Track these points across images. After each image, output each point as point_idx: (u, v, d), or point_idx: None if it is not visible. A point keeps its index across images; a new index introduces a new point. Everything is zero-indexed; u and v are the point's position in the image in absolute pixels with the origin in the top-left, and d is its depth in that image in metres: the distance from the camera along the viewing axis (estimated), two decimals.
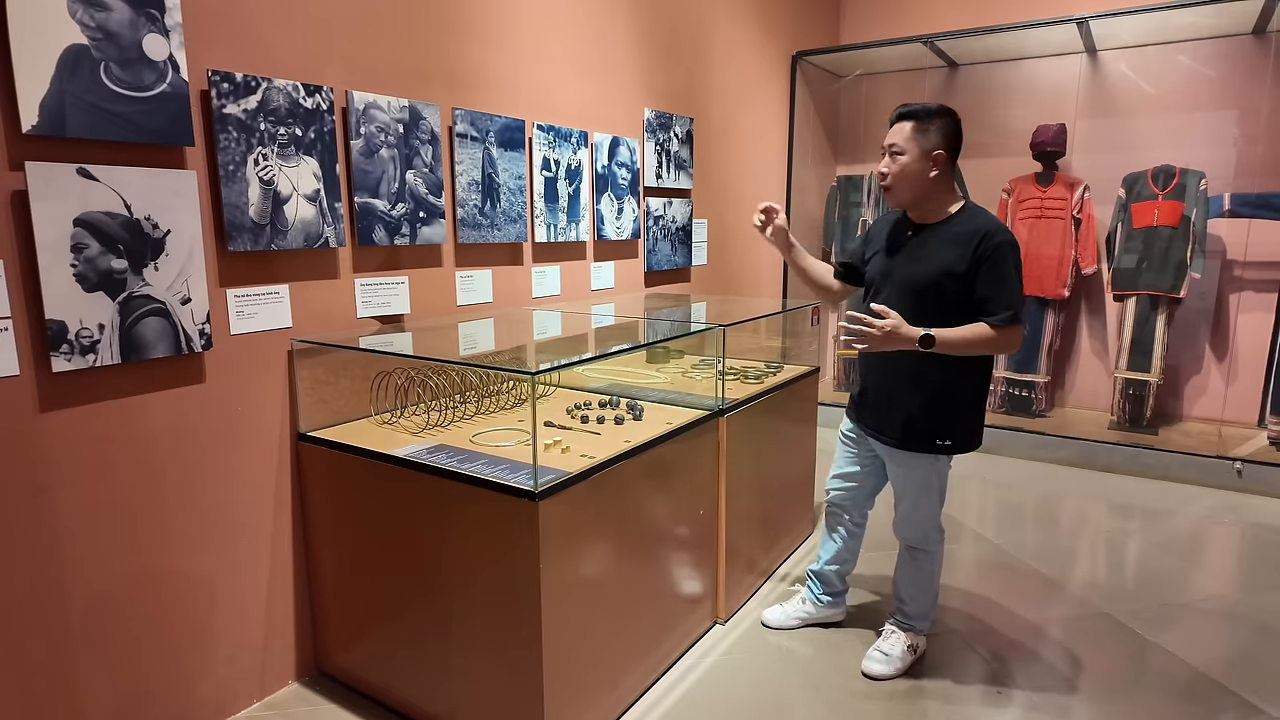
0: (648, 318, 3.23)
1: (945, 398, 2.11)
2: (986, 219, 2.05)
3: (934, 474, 2.24)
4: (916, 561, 2.37)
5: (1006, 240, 2.01)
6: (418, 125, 2.49)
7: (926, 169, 2.05)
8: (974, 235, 2.01)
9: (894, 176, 2.09)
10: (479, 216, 2.75)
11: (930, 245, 2.08)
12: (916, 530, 2.31)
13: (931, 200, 2.10)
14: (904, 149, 2.05)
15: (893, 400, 2.19)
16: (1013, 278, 2.00)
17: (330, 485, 2.22)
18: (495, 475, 1.87)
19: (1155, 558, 3.23)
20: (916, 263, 2.09)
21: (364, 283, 2.40)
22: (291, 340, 2.21)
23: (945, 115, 2.06)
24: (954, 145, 2.07)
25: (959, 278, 2.02)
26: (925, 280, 2.06)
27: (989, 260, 1.99)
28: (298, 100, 2.14)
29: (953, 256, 2.03)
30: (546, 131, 3.03)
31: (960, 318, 2.04)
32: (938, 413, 2.13)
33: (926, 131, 2.03)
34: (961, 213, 2.09)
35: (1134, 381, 4.59)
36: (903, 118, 2.08)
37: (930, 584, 2.40)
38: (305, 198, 2.19)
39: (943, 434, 2.14)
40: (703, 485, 2.50)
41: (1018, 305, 1.99)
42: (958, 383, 2.11)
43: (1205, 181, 4.37)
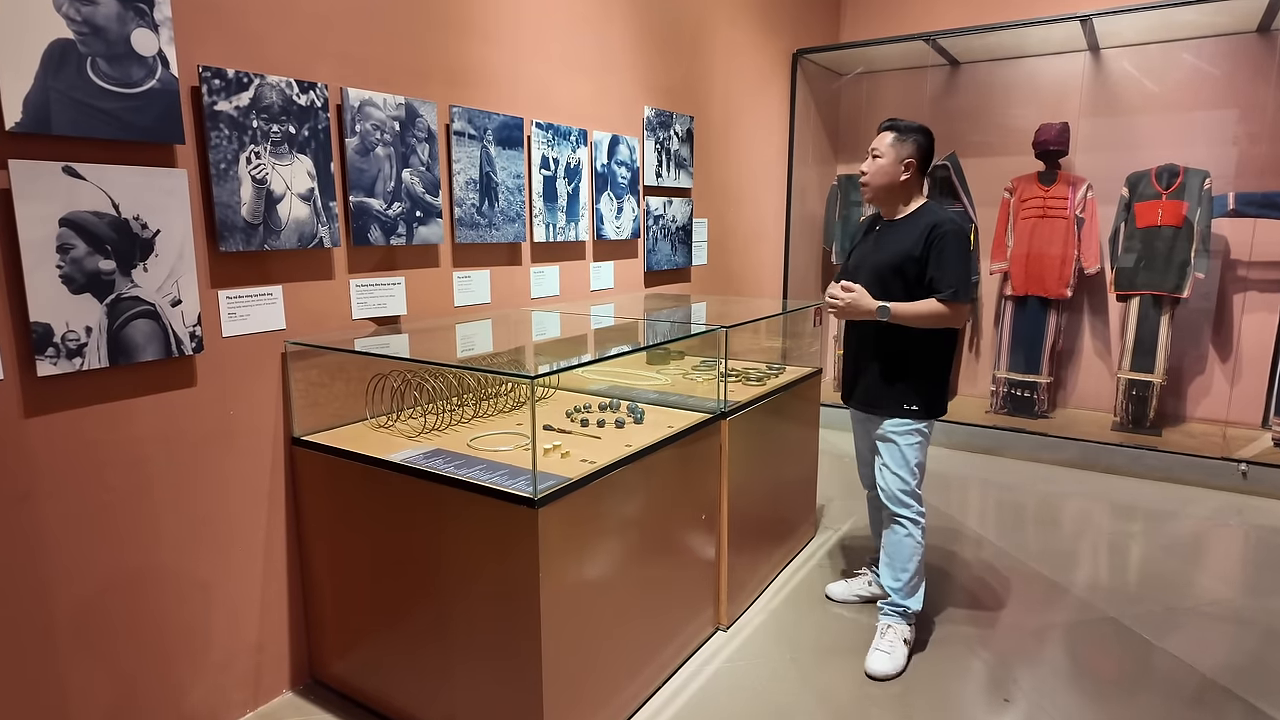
0: (648, 319, 3.19)
1: (912, 367, 2.42)
2: (940, 214, 2.41)
3: (906, 440, 2.46)
4: (899, 529, 2.50)
5: (954, 230, 2.34)
6: (414, 123, 2.44)
7: (898, 172, 2.41)
8: (927, 227, 2.36)
9: (871, 176, 2.45)
10: (476, 216, 2.70)
11: (893, 236, 2.44)
12: (896, 496, 2.49)
13: (898, 198, 2.46)
14: (883, 154, 2.42)
15: (868, 372, 2.51)
16: (957, 262, 2.32)
17: (325, 490, 2.17)
18: (494, 481, 1.83)
19: (1160, 561, 3.20)
20: (882, 250, 2.44)
21: (359, 283, 2.36)
22: (285, 342, 2.16)
23: (921, 133, 2.42)
24: (924, 157, 2.43)
25: (915, 261, 2.36)
26: (888, 264, 2.40)
27: (937, 247, 2.33)
28: (291, 97, 2.10)
29: (910, 244, 2.37)
30: (545, 130, 2.98)
31: (915, 295, 2.37)
32: (906, 380, 2.43)
33: (904, 142, 2.40)
34: (920, 210, 2.44)
35: (1137, 382, 4.56)
36: (887, 129, 2.45)
37: (911, 559, 2.49)
38: (299, 197, 2.14)
39: (910, 399, 2.43)
40: (704, 490, 2.46)
41: (961, 285, 2.31)
42: (922, 354, 2.42)
43: (1209, 180, 4.33)
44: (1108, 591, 2.93)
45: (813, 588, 2.93)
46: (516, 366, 2.44)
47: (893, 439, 2.46)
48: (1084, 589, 2.95)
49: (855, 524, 3.51)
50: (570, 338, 2.90)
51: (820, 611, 2.76)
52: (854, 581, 2.86)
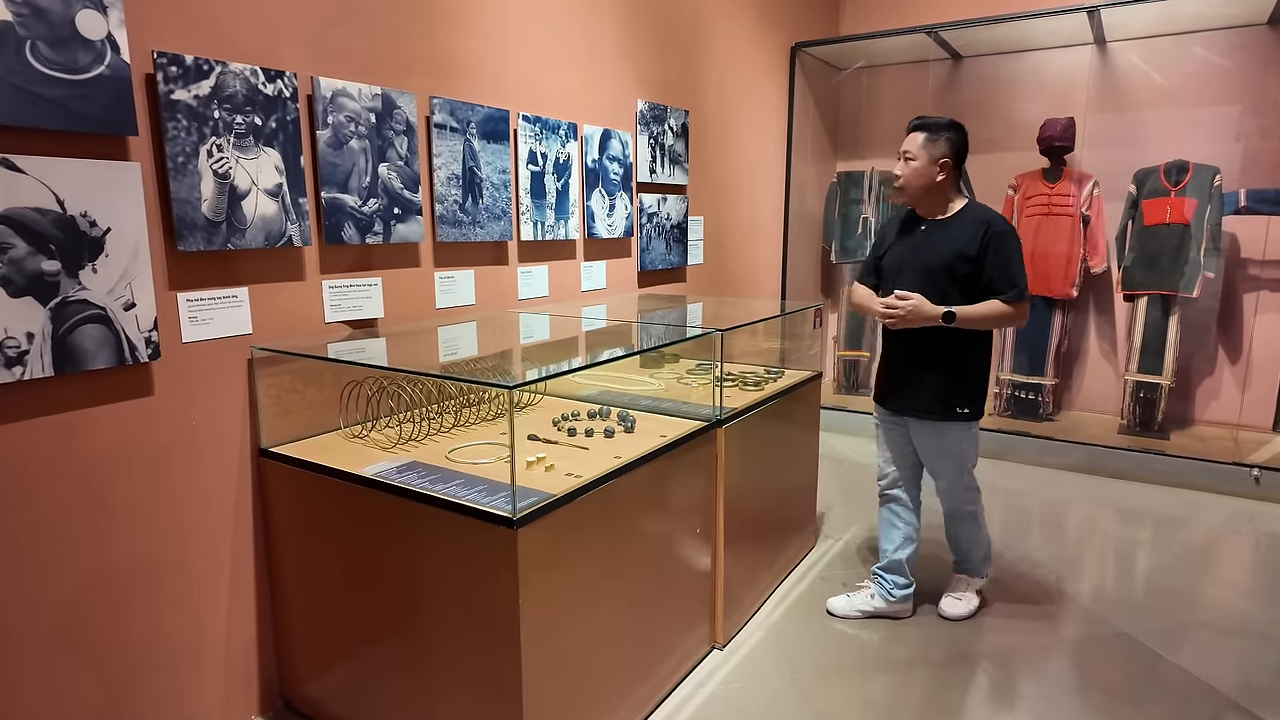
0: (641, 322, 3.06)
1: (957, 371, 2.42)
2: (988, 212, 2.41)
3: (959, 441, 2.49)
4: (961, 522, 2.65)
5: (1007, 229, 2.36)
6: (392, 115, 2.31)
7: (934, 173, 2.38)
8: (979, 225, 2.35)
9: (906, 179, 2.43)
10: (459, 213, 2.57)
11: (941, 236, 2.41)
12: (952, 497, 2.59)
13: (938, 198, 2.44)
14: (916, 155, 2.39)
15: (912, 379, 2.48)
16: (1015, 260, 2.33)
17: (294, 505, 2.04)
18: (471, 499, 1.70)
19: (1172, 571, 3.07)
20: (930, 251, 2.41)
21: (333, 285, 2.22)
22: (251, 348, 2.03)
23: (953, 129, 2.39)
24: (959, 154, 2.40)
25: (969, 261, 2.34)
26: (939, 265, 2.37)
27: (994, 246, 2.32)
28: (257, 86, 1.96)
29: (962, 243, 2.35)
30: (533, 123, 2.85)
31: (971, 295, 2.36)
32: (955, 384, 2.43)
33: (935, 142, 2.37)
34: (967, 208, 2.43)
35: (1145, 384, 4.43)
36: (916, 129, 2.41)
37: (979, 535, 2.67)
38: (266, 192, 2.01)
39: (960, 403, 2.44)
40: (699, 502, 2.33)
41: (1021, 284, 2.32)
42: (966, 357, 2.42)
43: (1220, 177, 4.21)
44: (1119, 604, 2.80)
45: (813, 601, 2.80)
46: (500, 372, 2.30)
47: (950, 447, 2.50)
48: (1094, 601, 2.82)
49: (856, 532, 3.39)
50: (559, 341, 2.77)
51: (821, 627, 2.64)
52: (856, 596, 2.72)
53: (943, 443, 2.49)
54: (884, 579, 2.68)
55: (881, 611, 2.67)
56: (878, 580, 2.70)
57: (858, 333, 5.35)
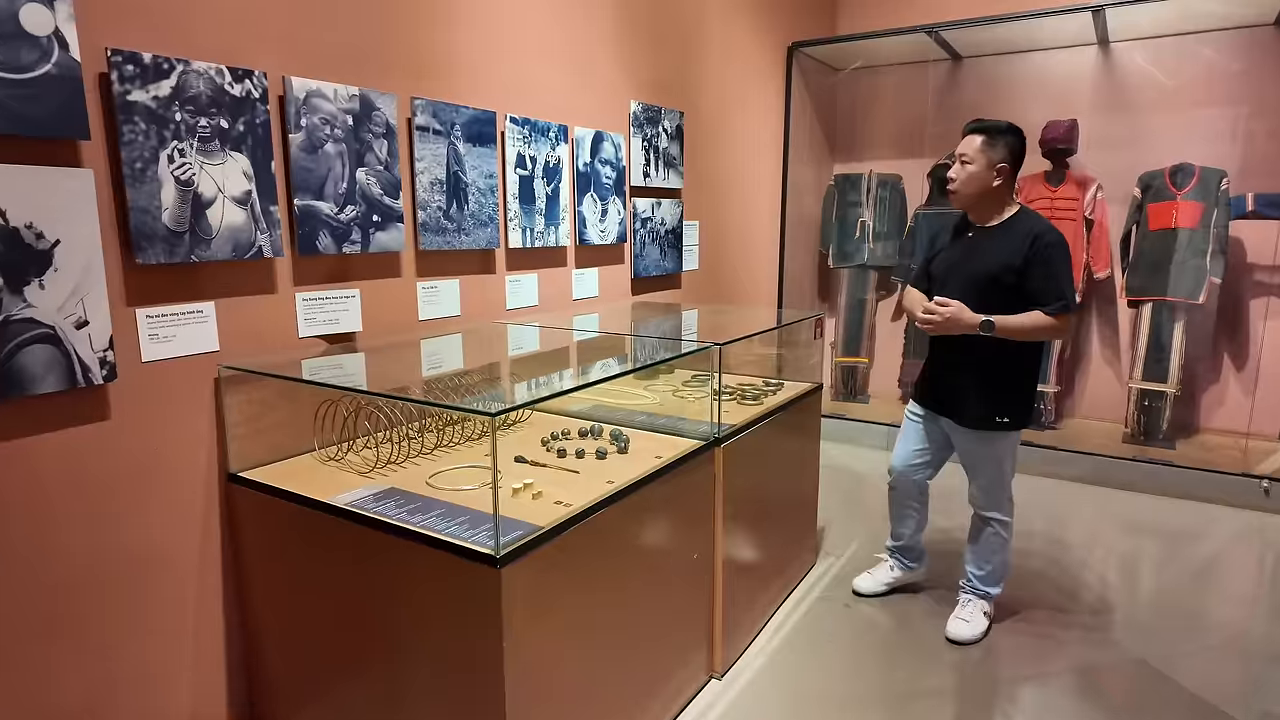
0: (634, 334, 2.94)
1: (1001, 379, 2.38)
2: (1040, 222, 2.34)
3: (1002, 449, 2.46)
4: (989, 529, 2.56)
5: (1057, 240, 2.29)
6: (370, 117, 2.18)
7: (990, 178, 2.32)
8: (1028, 235, 2.28)
9: (961, 182, 2.36)
10: (444, 220, 2.44)
11: (990, 244, 2.36)
12: (990, 501, 2.53)
13: (991, 205, 2.38)
14: (973, 159, 2.32)
15: (957, 383, 2.46)
16: (1063, 273, 2.26)
17: (266, 534, 1.91)
18: (451, 533, 1.57)
19: (1188, 591, 2.96)
20: (979, 258, 2.37)
21: (307, 297, 2.09)
22: (219, 366, 1.90)
23: (1012, 133, 2.33)
24: (1016, 160, 2.34)
25: (1016, 271, 2.28)
26: (986, 274, 2.33)
27: (1041, 258, 2.26)
28: (223, 87, 1.83)
29: (1009, 253, 2.30)
30: (521, 125, 2.72)
31: (1016, 306, 2.30)
32: (997, 393, 2.39)
33: (994, 146, 2.30)
34: (1017, 216, 2.37)
35: (1149, 392, 4.34)
36: (974, 132, 2.35)
37: (1002, 551, 2.58)
38: (233, 200, 1.88)
39: (1001, 412, 2.40)
40: (697, 526, 2.21)
41: (1069, 296, 2.26)
42: (1013, 366, 2.37)
43: (1227, 180, 4.11)
44: (1133, 626, 2.69)
45: (815, 624, 2.68)
46: (487, 389, 2.18)
47: (988, 454, 2.48)
48: (1107, 623, 2.71)
49: (858, 549, 3.27)
50: (548, 354, 2.65)
51: (823, 653, 2.52)
52: (878, 572, 2.88)
53: (981, 449, 2.48)
54: (901, 555, 2.85)
55: (901, 581, 2.86)
56: (895, 555, 2.86)
57: (856, 339, 5.24)
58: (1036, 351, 2.41)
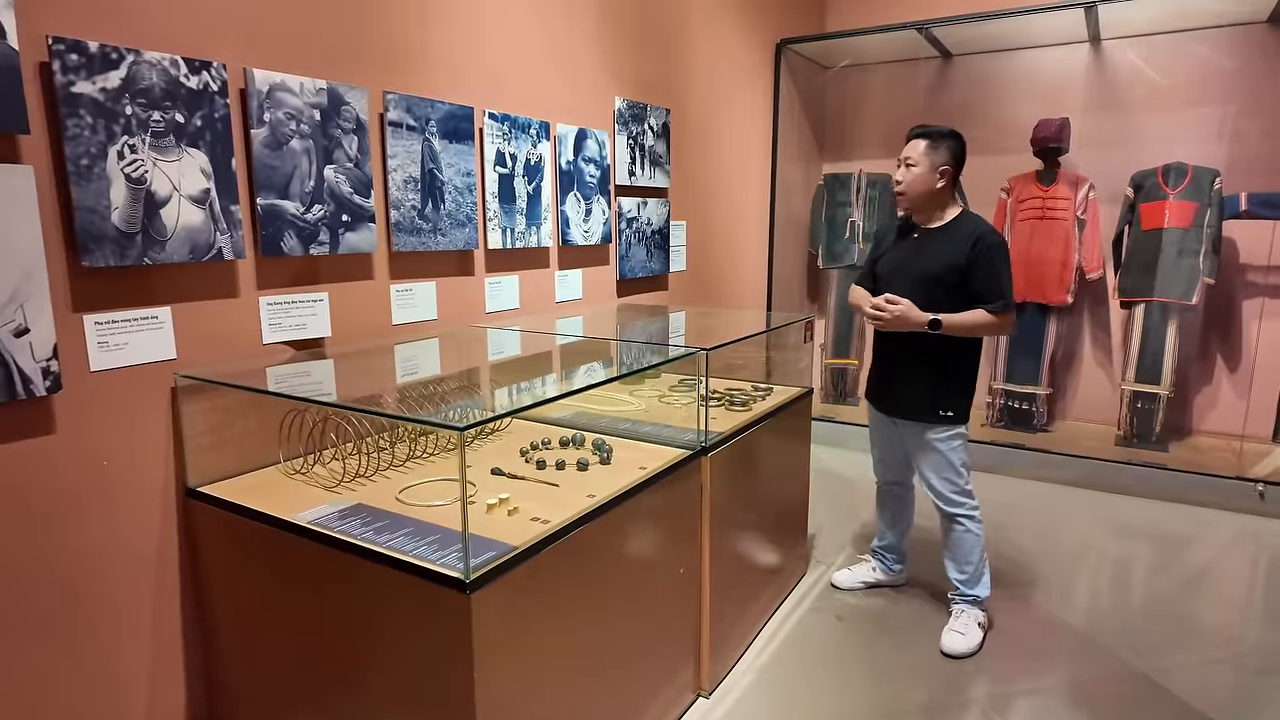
0: (619, 340, 2.84)
1: (943, 373, 2.45)
2: (981, 224, 2.43)
3: (949, 445, 2.49)
4: (957, 527, 2.56)
5: (998, 242, 2.39)
6: (339, 112, 2.08)
7: (934, 180, 2.41)
8: (971, 237, 2.37)
9: (907, 184, 2.44)
10: (418, 220, 2.34)
11: (935, 245, 2.44)
12: (950, 497, 2.54)
13: (935, 206, 2.46)
14: (917, 162, 2.41)
15: (900, 381, 2.54)
16: (1003, 273, 2.36)
17: (225, 553, 1.81)
18: (419, 554, 1.47)
19: (1186, 600, 2.90)
20: (923, 259, 2.44)
21: (271, 301, 1.99)
22: (175, 375, 1.79)
23: (953, 138, 2.42)
24: (958, 163, 2.43)
25: (960, 271, 2.37)
26: (931, 273, 2.40)
27: (984, 259, 2.35)
28: (178, 79, 1.72)
29: (953, 254, 2.38)
30: (500, 121, 2.62)
31: (959, 304, 2.38)
32: (941, 387, 2.46)
33: (937, 149, 2.39)
34: (960, 219, 2.45)
35: (1142, 394, 4.28)
36: (918, 136, 2.43)
37: (975, 548, 2.57)
38: (191, 199, 1.77)
39: (945, 405, 2.47)
40: (683, 539, 2.12)
41: (1008, 295, 2.36)
42: (957, 360, 2.45)
43: (1220, 180, 4.06)
44: (1127, 635, 2.62)
45: (805, 637, 2.60)
46: (462, 396, 2.08)
47: (936, 448, 2.50)
48: (1100, 632, 2.64)
49: (849, 557, 3.19)
50: (529, 359, 2.55)
51: (813, 667, 2.43)
52: (858, 569, 2.93)
53: (928, 444, 2.51)
54: (884, 555, 2.90)
55: (882, 582, 2.90)
56: (878, 556, 2.92)
57: (846, 340, 5.17)
58: (976, 347, 2.50)
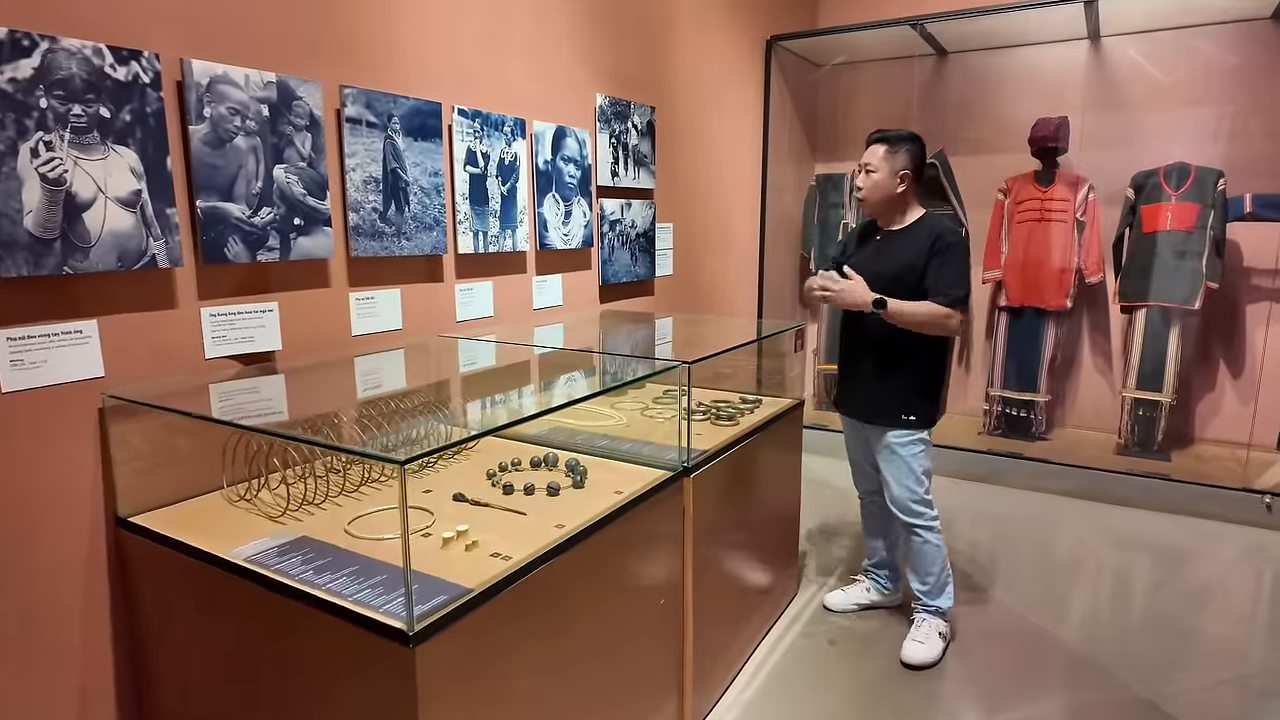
0: (596, 352, 2.69)
1: (908, 376, 2.42)
2: (941, 225, 2.40)
3: (909, 450, 2.44)
4: (915, 537, 2.49)
5: (955, 241, 2.35)
6: (291, 107, 1.92)
7: (894, 185, 2.38)
8: (930, 237, 2.35)
9: (867, 190, 2.42)
10: (380, 223, 2.18)
11: (895, 246, 2.43)
12: (906, 502, 2.47)
13: (896, 210, 2.44)
14: (876, 167, 2.38)
15: (864, 382, 2.50)
16: (957, 271, 2.32)
17: (160, 591, 1.65)
18: (359, 599, 1.31)
19: (1191, 617, 2.76)
20: (884, 260, 2.42)
21: (215, 312, 1.83)
22: (103, 395, 1.63)
23: (912, 140, 2.38)
24: (918, 166, 2.40)
25: (918, 271, 2.34)
26: (890, 273, 2.37)
27: (940, 256, 2.32)
28: (103, 70, 1.56)
29: (913, 254, 2.36)
30: (471, 118, 2.47)
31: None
32: (903, 389, 2.42)
33: (895, 154, 2.36)
34: (921, 220, 2.43)
35: (1144, 402, 4.15)
36: (877, 142, 2.40)
37: (935, 559, 2.50)
38: (119, 202, 1.61)
39: (908, 409, 2.42)
40: (663, 568, 1.96)
41: (960, 293, 2.31)
42: (918, 363, 2.41)
43: (1224, 181, 3.94)
44: (1133, 659, 2.49)
45: (794, 666, 2.45)
46: (432, 411, 1.93)
47: (897, 452, 2.45)
48: (1099, 652, 2.51)
49: (843, 575, 3.04)
50: (498, 372, 2.39)
51: (801, 700, 2.29)
52: (852, 589, 2.83)
53: (888, 448, 2.46)
54: (876, 574, 2.80)
55: (877, 603, 2.79)
56: (871, 575, 2.82)
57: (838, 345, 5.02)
58: (940, 351, 2.45)
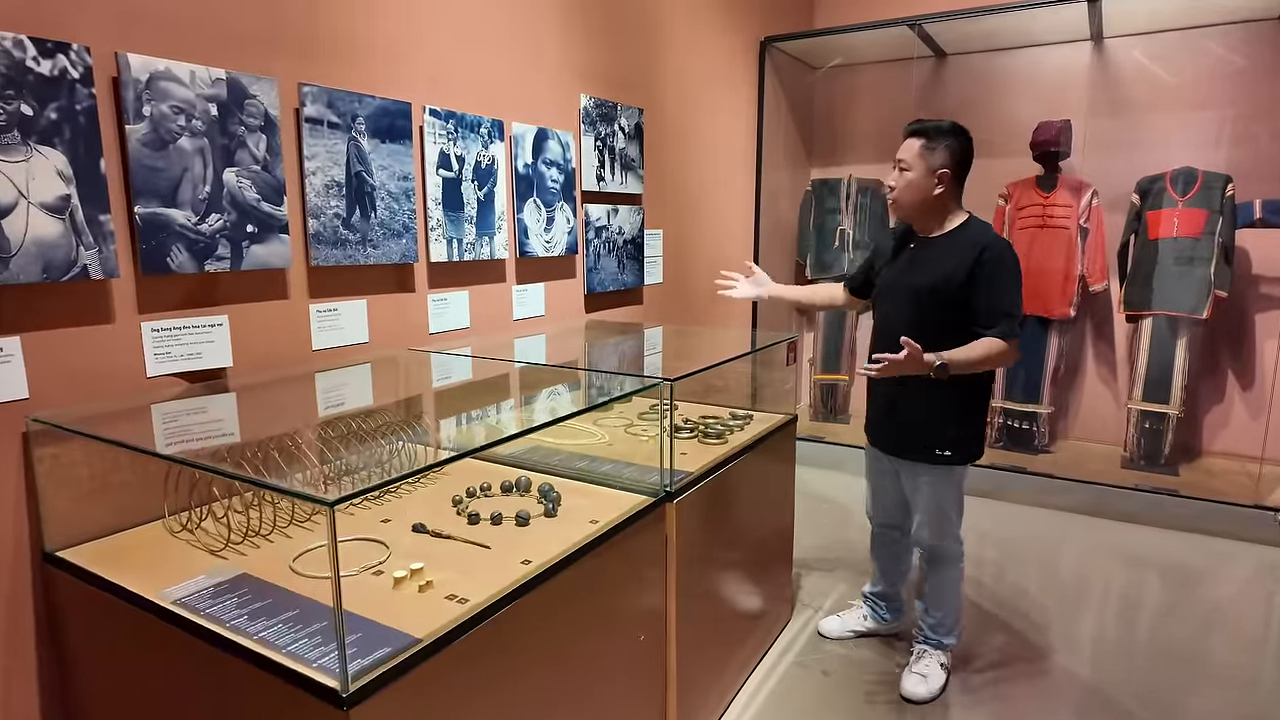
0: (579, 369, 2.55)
1: (945, 411, 2.16)
2: (987, 233, 2.12)
3: (943, 486, 2.24)
4: (936, 571, 2.33)
5: (1005, 253, 2.07)
6: (242, 106, 1.79)
7: (931, 185, 2.10)
8: (974, 248, 2.07)
9: (900, 190, 2.16)
10: (343, 230, 2.05)
11: (931, 256, 2.15)
12: (933, 540, 2.29)
13: (934, 215, 2.16)
14: (911, 165, 2.11)
15: (895, 414, 2.27)
16: (1010, 289, 2.06)
17: (90, 633, 1.51)
18: (294, 652, 1.17)
19: (1195, 639, 2.62)
20: (918, 272, 2.16)
21: (157, 327, 1.69)
22: (27, 419, 1.49)
23: (954, 135, 2.09)
24: (960, 164, 2.11)
25: (957, 287, 2.07)
26: (925, 288, 2.12)
27: (987, 273, 2.04)
28: (23, 63, 1.43)
29: (952, 267, 2.08)
30: (445, 119, 2.34)
31: (959, 324, 2.07)
32: (936, 424, 2.18)
33: (934, 150, 2.09)
34: (963, 226, 2.15)
35: (1150, 414, 4.01)
36: (913, 134, 2.12)
37: (952, 595, 2.35)
38: (44, 208, 1.47)
39: (944, 445, 2.18)
40: (643, 602, 1.82)
41: (1016, 315, 2.04)
42: (958, 396, 2.14)
43: (1232, 186, 3.81)
44: (1140, 688, 2.35)
45: (788, 697, 2.31)
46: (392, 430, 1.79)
47: (930, 488, 2.25)
48: (1111, 685, 2.37)
49: (840, 598, 2.90)
50: (471, 387, 2.26)
51: None
52: (848, 616, 2.66)
53: (921, 484, 2.27)
54: (875, 603, 2.63)
55: (874, 631, 2.63)
56: (869, 602, 2.64)
57: (835, 354, 4.89)
58: (983, 378, 2.19)
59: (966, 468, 2.24)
